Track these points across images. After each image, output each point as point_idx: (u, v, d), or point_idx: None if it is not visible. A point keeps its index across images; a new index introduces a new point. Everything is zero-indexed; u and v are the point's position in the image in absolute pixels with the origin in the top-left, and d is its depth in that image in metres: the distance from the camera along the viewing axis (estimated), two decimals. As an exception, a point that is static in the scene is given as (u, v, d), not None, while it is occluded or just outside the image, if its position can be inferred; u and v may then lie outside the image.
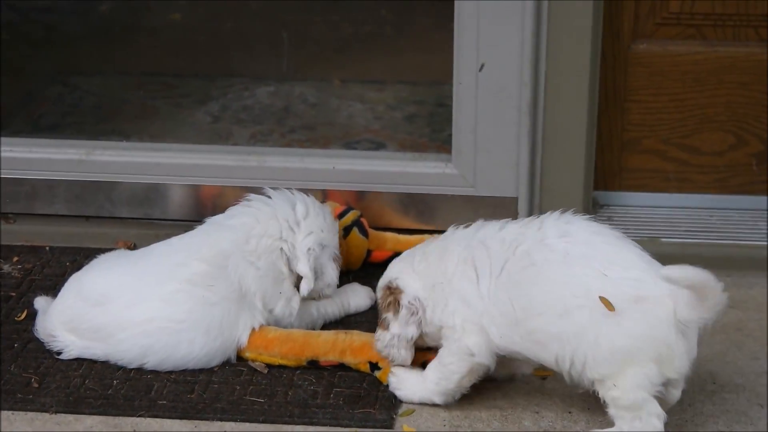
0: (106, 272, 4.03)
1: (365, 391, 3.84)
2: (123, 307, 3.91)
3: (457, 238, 3.77)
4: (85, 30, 6.19)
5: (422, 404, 3.79)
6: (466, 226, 3.79)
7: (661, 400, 3.50)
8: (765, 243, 4.49)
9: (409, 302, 3.74)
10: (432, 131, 5.31)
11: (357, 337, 3.95)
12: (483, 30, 4.39)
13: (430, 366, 3.75)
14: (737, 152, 4.69)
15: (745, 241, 3.65)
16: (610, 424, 3.55)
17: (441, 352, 3.71)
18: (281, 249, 4.04)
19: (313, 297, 4.11)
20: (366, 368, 3.90)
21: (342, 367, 3.92)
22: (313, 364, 3.93)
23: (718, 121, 4.67)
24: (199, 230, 4.12)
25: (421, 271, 3.77)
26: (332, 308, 4.18)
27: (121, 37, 6.13)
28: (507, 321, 3.56)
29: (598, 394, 3.51)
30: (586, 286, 3.48)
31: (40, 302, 4.11)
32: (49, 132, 5.32)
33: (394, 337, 3.74)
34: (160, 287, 3.93)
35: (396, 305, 3.74)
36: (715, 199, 4.70)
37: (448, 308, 3.67)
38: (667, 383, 3.48)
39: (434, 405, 3.78)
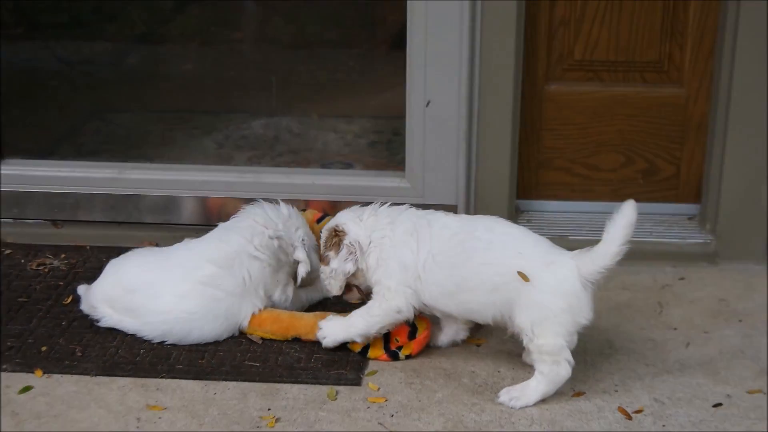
0: (138, 266, 4.00)
1: (339, 357, 3.84)
2: (149, 298, 3.91)
3: (408, 214, 3.81)
4: (117, 76, 6.17)
5: (386, 359, 3.82)
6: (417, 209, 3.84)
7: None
8: (648, 239, 4.52)
9: (350, 243, 3.76)
10: (389, 154, 5.31)
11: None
12: (429, 75, 4.40)
13: (356, 314, 3.77)
14: (627, 169, 4.71)
15: (633, 237, 3.69)
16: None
17: (370, 303, 3.75)
18: (279, 242, 4.04)
19: (303, 285, 4.10)
20: (338, 341, 3.91)
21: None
22: (297, 340, 3.93)
23: (612, 145, 4.69)
24: (212, 234, 4.10)
25: (368, 224, 3.79)
26: (315, 294, 4.17)
27: (145, 81, 6.11)
28: (441, 291, 3.64)
29: (523, 343, 3.59)
30: (506, 265, 3.56)
31: (81, 289, 4.09)
32: (89, 156, 5.29)
33: (332, 270, 3.78)
34: (178, 286, 3.92)
35: (338, 245, 3.77)
36: (611, 206, 4.57)
37: (388, 269, 3.70)
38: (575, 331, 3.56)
39: (393, 364, 3.80)
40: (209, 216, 4.61)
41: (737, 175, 4.45)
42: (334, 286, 3.83)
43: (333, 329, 3.80)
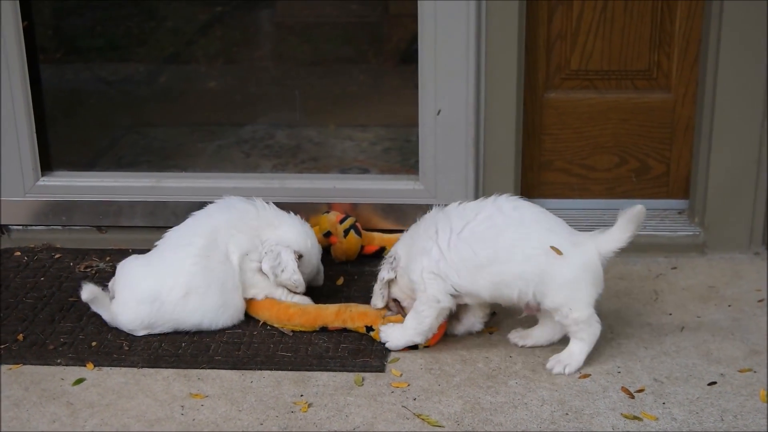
0: (146, 277, 3.92)
1: (364, 346, 3.82)
2: (171, 304, 3.87)
3: (427, 215, 3.80)
4: (150, 94, 6.15)
5: (406, 349, 3.79)
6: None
7: None
8: (642, 233, 4.46)
9: (387, 256, 3.81)
10: (402, 159, 5.28)
11: (355, 308, 3.92)
12: (439, 85, 4.38)
13: (408, 317, 3.74)
14: (621, 169, 4.68)
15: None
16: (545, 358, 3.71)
17: (416, 304, 3.71)
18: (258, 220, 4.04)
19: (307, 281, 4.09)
20: (363, 330, 3.87)
21: (345, 329, 3.90)
22: (324, 329, 3.91)
23: (607, 147, 4.66)
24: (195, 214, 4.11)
25: (403, 241, 3.82)
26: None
27: (175, 98, 6.10)
28: (468, 266, 3.61)
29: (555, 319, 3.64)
30: (539, 240, 3.57)
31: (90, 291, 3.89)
32: (128, 167, 5.27)
33: (378, 283, 3.81)
34: (173, 264, 3.90)
35: (384, 260, 3.82)
36: (606, 203, 4.68)
37: (415, 263, 3.68)
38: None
39: (414, 352, 3.77)
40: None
41: (723, 172, 4.43)
42: (377, 299, 3.83)
43: (393, 335, 3.77)
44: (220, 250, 3.93)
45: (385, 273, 3.79)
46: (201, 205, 4.59)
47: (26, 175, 4.63)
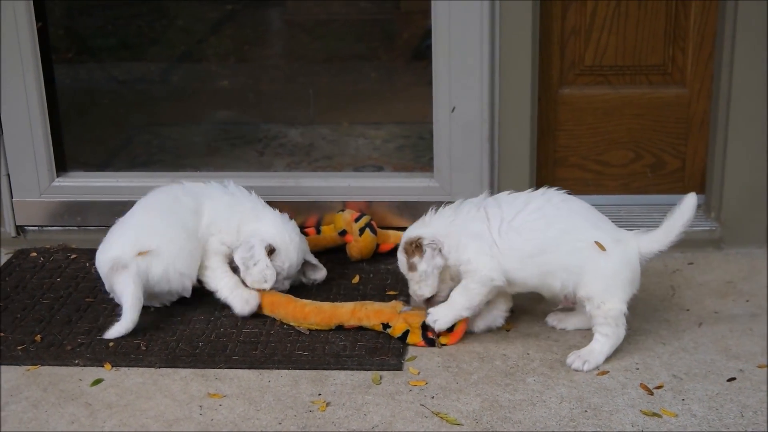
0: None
1: (381, 344, 3.80)
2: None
3: (468, 202, 3.80)
4: (163, 93, 6.17)
5: (424, 346, 3.77)
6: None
7: None
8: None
9: (429, 242, 3.71)
10: (416, 157, 5.28)
11: (370, 306, 3.90)
12: (454, 82, 4.36)
13: (456, 292, 3.72)
14: (636, 164, 4.67)
15: (643, 227, 3.70)
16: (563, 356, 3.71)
17: (463, 281, 3.70)
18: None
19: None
20: (379, 328, 3.85)
21: (361, 327, 3.89)
22: (339, 328, 3.90)
23: (622, 143, 4.64)
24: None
25: (434, 223, 3.76)
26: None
27: (188, 97, 6.11)
28: (518, 255, 3.65)
29: (586, 309, 3.67)
30: (585, 233, 3.62)
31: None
32: (142, 167, 5.28)
33: (423, 273, 3.71)
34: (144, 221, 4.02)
35: (420, 249, 3.70)
36: (622, 198, 4.67)
37: (461, 245, 3.68)
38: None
39: (431, 350, 3.76)
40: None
41: (738, 167, 4.41)
42: (426, 288, 3.74)
43: (442, 312, 3.73)
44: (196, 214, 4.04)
45: (436, 260, 3.70)
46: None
47: (41, 175, 4.63)
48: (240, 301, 3.99)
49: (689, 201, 3.67)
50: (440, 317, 3.74)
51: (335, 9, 6.31)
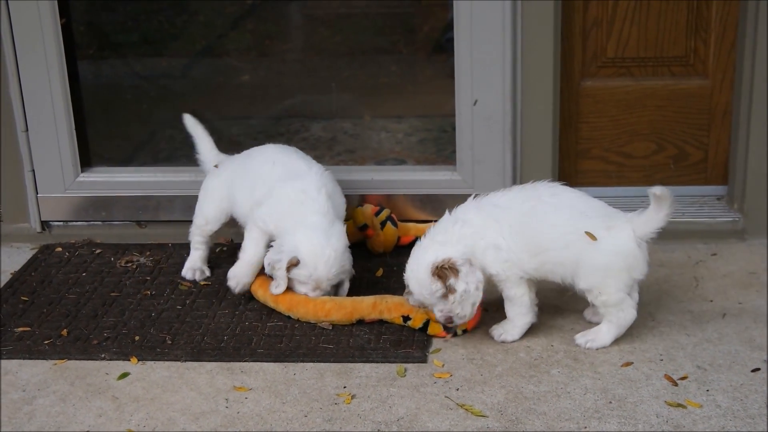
0: None
1: (405, 337, 3.82)
2: None
3: (464, 211, 3.77)
4: (186, 87, 6.18)
5: (449, 336, 3.80)
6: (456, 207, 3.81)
7: None
8: (681, 219, 4.47)
9: (461, 261, 3.64)
10: (438, 150, 5.28)
11: (390, 299, 3.91)
12: (476, 76, 4.37)
13: (508, 309, 3.76)
14: (658, 156, 4.66)
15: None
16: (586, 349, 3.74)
17: (504, 294, 3.74)
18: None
19: None
20: (399, 321, 3.87)
21: (383, 321, 3.90)
22: (361, 322, 3.91)
23: (644, 134, 4.64)
24: None
25: (454, 241, 3.69)
26: None
27: (210, 91, 6.12)
28: (527, 254, 3.66)
29: (588, 299, 3.72)
30: (575, 225, 3.62)
31: None
32: (166, 162, 5.29)
33: (463, 292, 3.63)
34: None
35: (454, 270, 3.62)
36: (644, 190, 4.60)
37: (487, 258, 3.68)
38: (633, 285, 3.70)
39: (455, 342, 3.77)
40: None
41: (761, 157, 4.40)
42: (468, 307, 3.66)
43: (509, 331, 3.77)
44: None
45: (477, 274, 3.63)
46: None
47: (66, 171, 4.66)
48: (231, 274, 4.06)
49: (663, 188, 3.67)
50: (510, 335, 3.78)
51: (355, 3, 6.31)
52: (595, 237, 3.61)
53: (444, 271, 3.63)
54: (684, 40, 4.49)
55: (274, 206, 4.01)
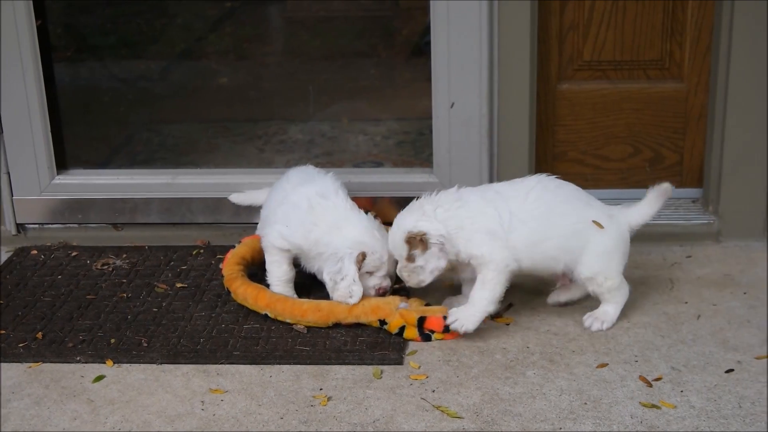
0: None
1: (382, 339, 3.83)
2: None
3: (469, 192, 3.86)
4: (164, 90, 6.18)
5: (424, 341, 3.80)
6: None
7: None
8: (656, 222, 4.46)
9: (436, 241, 3.72)
10: (416, 152, 5.29)
11: (368, 302, 3.91)
12: (453, 78, 4.38)
13: (474, 292, 3.75)
14: (634, 159, 4.68)
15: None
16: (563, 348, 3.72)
17: (480, 276, 3.74)
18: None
19: None
20: (376, 324, 3.87)
21: (358, 324, 3.90)
22: (337, 325, 3.91)
23: (620, 137, 4.66)
24: None
25: (442, 217, 3.76)
26: None
27: (188, 94, 6.11)
28: (526, 243, 3.75)
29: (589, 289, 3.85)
30: (583, 214, 3.83)
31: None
32: (143, 164, 5.29)
33: (418, 267, 3.73)
34: None
35: (424, 245, 3.71)
36: (621, 192, 4.67)
37: (474, 242, 3.73)
38: None
39: (431, 344, 3.78)
40: (255, 215, 4.57)
41: (736, 161, 4.43)
42: (414, 281, 3.76)
43: (465, 314, 3.75)
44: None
45: (440, 262, 3.70)
46: (217, 202, 4.62)
47: (42, 173, 4.65)
48: None
49: (666, 186, 3.92)
50: (465, 322, 3.75)
51: (335, 6, 6.31)
52: (602, 225, 3.80)
53: (416, 241, 3.73)
54: (660, 43, 4.51)
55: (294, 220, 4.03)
